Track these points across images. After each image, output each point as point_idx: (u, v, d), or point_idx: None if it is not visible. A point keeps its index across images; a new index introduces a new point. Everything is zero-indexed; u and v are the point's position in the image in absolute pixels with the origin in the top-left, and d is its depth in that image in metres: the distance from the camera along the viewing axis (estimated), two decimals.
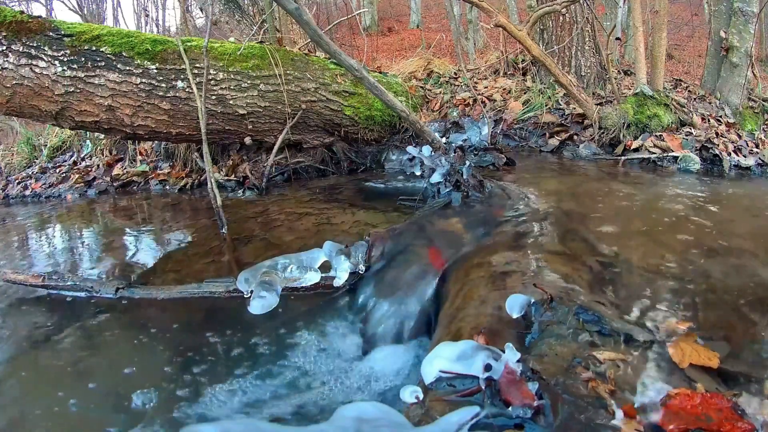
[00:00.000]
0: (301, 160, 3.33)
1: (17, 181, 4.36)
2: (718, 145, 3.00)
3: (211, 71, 2.77)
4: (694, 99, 3.78)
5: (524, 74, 4.26)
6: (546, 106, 3.61)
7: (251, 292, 1.49)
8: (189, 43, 2.81)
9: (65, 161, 4.43)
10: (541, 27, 3.94)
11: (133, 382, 1.29)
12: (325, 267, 1.63)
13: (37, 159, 4.66)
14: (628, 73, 4.59)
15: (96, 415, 1.21)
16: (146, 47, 2.72)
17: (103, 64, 2.62)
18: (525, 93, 3.84)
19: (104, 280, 1.80)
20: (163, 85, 2.71)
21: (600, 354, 0.95)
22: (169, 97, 2.73)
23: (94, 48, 2.64)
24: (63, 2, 11.94)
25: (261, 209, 2.61)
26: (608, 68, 3.73)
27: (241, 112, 2.90)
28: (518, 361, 0.93)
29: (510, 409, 0.85)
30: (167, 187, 3.59)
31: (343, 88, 3.18)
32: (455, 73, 4.32)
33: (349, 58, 2.48)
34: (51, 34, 2.62)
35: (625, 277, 1.34)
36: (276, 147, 3.07)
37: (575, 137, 3.36)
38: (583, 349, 0.98)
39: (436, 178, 2.16)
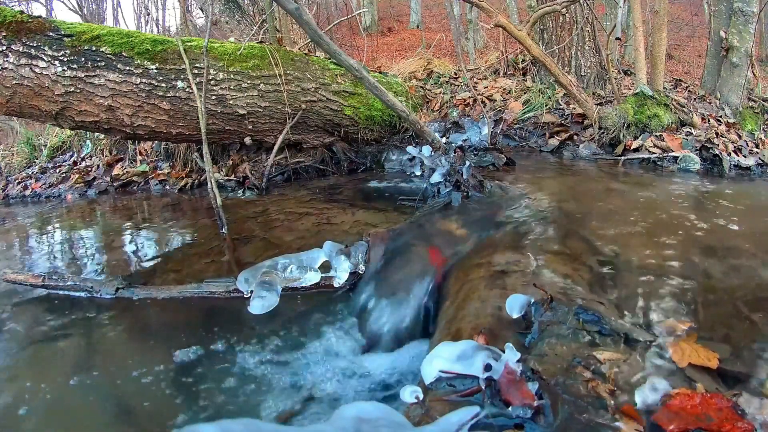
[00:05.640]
0: (301, 160, 3.33)
1: (17, 181, 4.36)
2: (718, 145, 2.99)
3: (211, 71, 2.77)
4: (694, 99, 3.78)
5: (524, 74, 4.26)
6: (546, 106, 3.61)
7: (251, 292, 1.49)
8: (189, 43, 2.81)
9: (65, 161, 4.43)
10: (541, 27, 3.94)
11: (133, 382, 1.29)
12: (325, 267, 1.63)
13: (37, 159, 4.66)
14: (628, 73, 4.59)
15: (96, 415, 1.21)
16: (146, 47, 2.72)
17: (103, 64, 2.63)
18: (525, 93, 3.84)
19: (104, 280, 1.79)
20: (163, 85, 2.71)
21: (600, 354, 0.95)
22: (169, 97, 2.73)
23: (94, 48, 2.64)
24: (63, 2, 11.94)
25: (261, 209, 2.61)
26: (608, 68, 3.73)
27: (241, 112, 2.90)
28: (518, 361, 0.93)
29: (510, 409, 0.85)
30: (167, 187, 3.59)
31: (343, 88, 3.18)
32: (455, 73, 4.32)
33: (349, 58, 2.48)
34: (51, 34, 2.62)
35: (625, 277, 1.34)
36: (276, 147, 3.07)
37: (575, 137, 3.36)
38: (583, 349, 0.98)
39: (436, 178, 2.16)
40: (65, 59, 2.59)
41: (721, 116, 3.59)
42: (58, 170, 4.30)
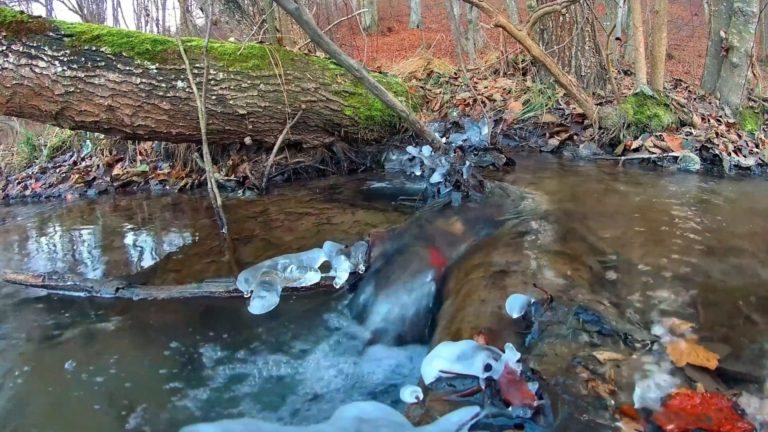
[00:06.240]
0: (301, 160, 3.33)
1: (17, 181, 4.36)
2: (718, 145, 2.99)
3: (211, 71, 2.77)
4: (694, 99, 3.78)
5: (524, 74, 4.26)
6: (546, 106, 3.61)
7: (251, 292, 1.49)
8: (189, 43, 2.81)
9: (65, 161, 4.43)
10: (541, 27, 3.94)
11: (133, 383, 1.29)
12: (325, 267, 1.63)
13: (37, 159, 4.65)
14: (628, 73, 4.59)
15: (95, 415, 1.21)
16: (146, 47, 2.72)
17: (103, 64, 2.63)
18: (525, 93, 3.84)
19: (104, 280, 1.80)
20: (163, 85, 2.71)
21: (600, 354, 0.95)
22: (169, 97, 2.73)
23: (94, 48, 2.64)
24: (63, 2, 11.95)
25: (261, 209, 2.61)
26: (608, 68, 3.73)
27: (241, 112, 2.90)
28: (518, 361, 0.93)
29: (510, 409, 0.85)
30: (167, 187, 3.59)
31: (343, 88, 3.18)
32: (455, 73, 4.32)
33: (349, 58, 2.48)
34: (51, 34, 2.62)
35: (625, 277, 1.34)
36: (276, 147, 3.07)
37: (575, 137, 3.36)
38: (583, 349, 0.98)
39: (436, 178, 2.16)
40: (65, 59, 2.59)
41: (721, 116, 3.59)
42: (58, 170, 4.30)
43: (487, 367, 0.91)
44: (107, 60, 2.64)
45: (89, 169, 4.10)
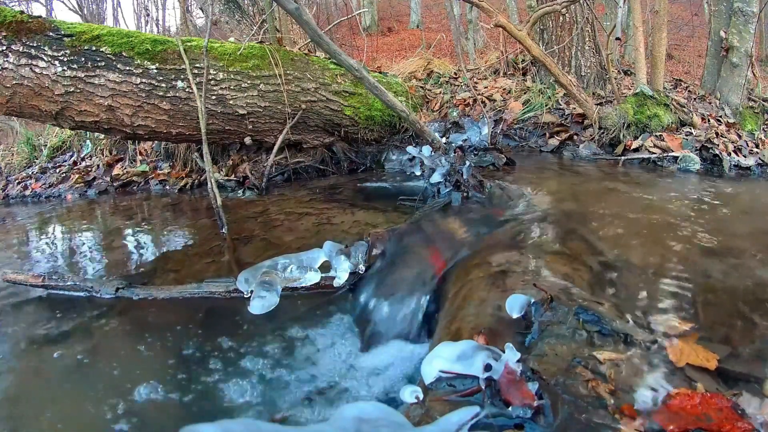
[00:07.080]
0: (301, 160, 3.33)
1: (17, 181, 4.36)
2: (718, 145, 2.99)
3: (211, 71, 2.77)
4: (694, 99, 3.77)
5: (524, 74, 4.25)
6: (546, 106, 3.60)
7: (251, 292, 1.49)
8: (189, 43, 2.81)
9: (65, 161, 4.43)
10: (541, 27, 3.93)
11: (133, 383, 1.29)
12: (325, 267, 1.63)
13: (37, 159, 4.66)
14: (628, 73, 4.59)
15: (95, 415, 1.21)
16: (146, 47, 2.72)
17: (103, 64, 2.63)
18: (525, 93, 3.84)
19: (104, 280, 1.80)
20: (163, 85, 2.71)
21: (600, 354, 0.95)
22: (169, 97, 2.73)
23: (94, 48, 2.64)
24: (63, 2, 11.95)
25: (261, 209, 2.61)
26: (608, 68, 3.73)
27: (241, 112, 2.90)
28: (518, 361, 0.93)
29: (510, 409, 0.85)
30: (167, 187, 3.59)
31: (343, 88, 3.18)
32: (455, 73, 4.32)
33: (349, 58, 2.48)
34: (51, 34, 2.62)
35: (625, 277, 1.34)
36: (276, 147, 3.07)
37: (575, 137, 3.36)
38: (583, 349, 0.98)
39: (436, 178, 2.17)
40: (65, 59, 2.59)
41: (721, 116, 3.59)
42: (58, 170, 4.30)
43: (487, 367, 0.91)
44: (107, 60, 2.64)
45: (89, 169, 4.10)
